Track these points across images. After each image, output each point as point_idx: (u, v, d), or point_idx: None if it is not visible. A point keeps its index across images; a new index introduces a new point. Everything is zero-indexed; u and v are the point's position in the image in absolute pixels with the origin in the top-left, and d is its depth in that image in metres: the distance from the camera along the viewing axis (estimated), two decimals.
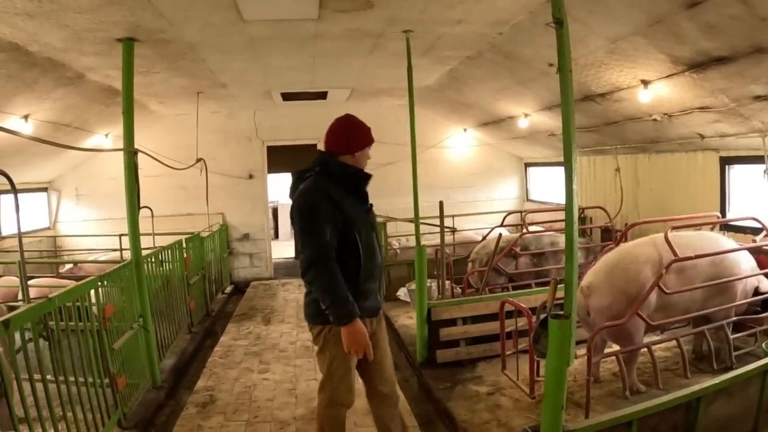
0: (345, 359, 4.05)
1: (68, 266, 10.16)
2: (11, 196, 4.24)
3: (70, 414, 4.34)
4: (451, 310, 6.74)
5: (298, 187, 4.14)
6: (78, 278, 6.72)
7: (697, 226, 6.67)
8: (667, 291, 5.12)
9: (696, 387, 4.04)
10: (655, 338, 5.83)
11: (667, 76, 5.94)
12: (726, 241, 5.86)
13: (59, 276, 9.26)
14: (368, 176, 4.23)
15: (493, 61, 7.63)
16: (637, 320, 5.15)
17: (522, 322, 5.60)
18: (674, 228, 5.54)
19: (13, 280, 7.82)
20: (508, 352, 5.80)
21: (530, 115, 9.52)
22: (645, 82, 6.27)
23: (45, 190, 12.31)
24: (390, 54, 7.55)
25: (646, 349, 5.55)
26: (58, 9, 4.98)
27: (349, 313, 3.80)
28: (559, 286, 4.26)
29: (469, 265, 8.67)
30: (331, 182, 4.03)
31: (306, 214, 3.91)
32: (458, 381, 6.11)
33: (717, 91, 5.76)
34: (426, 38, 6.83)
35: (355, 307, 3.83)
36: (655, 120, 7.17)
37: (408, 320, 8.52)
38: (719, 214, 6.97)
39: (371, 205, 4.26)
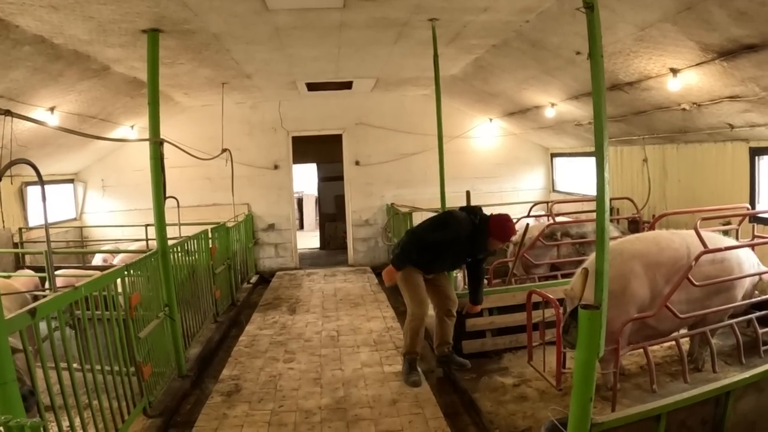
0: (410, 286, 6.22)
1: (99, 257, 10.26)
2: (38, 188, 4.27)
3: (95, 402, 4.37)
4: None
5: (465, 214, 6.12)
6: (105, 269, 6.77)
7: (725, 218, 6.55)
8: (696, 283, 5.00)
9: (725, 381, 3.95)
10: (684, 332, 5.73)
11: (696, 65, 5.82)
12: (726, 241, 5.68)
13: (85, 267, 9.35)
14: (484, 251, 6.24)
15: (520, 50, 7.54)
16: (627, 321, 4.95)
17: (549, 313, 5.53)
18: (704, 219, 5.41)
19: (27, 272, 7.90)
20: (534, 344, 5.74)
21: (557, 104, 9.41)
22: (674, 71, 6.15)
23: (71, 181, 12.46)
24: (415, 43, 7.49)
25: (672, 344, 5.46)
26: (83, 0, 5.00)
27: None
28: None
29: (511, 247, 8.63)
30: (467, 232, 5.96)
31: (435, 227, 6.14)
32: (484, 372, 6.08)
33: (747, 79, 5.63)
34: (452, 26, 6.77)
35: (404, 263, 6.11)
36: (683, 109, 7.03)
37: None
38: (749, 206, 6.82)
39: (476, 259, 6.27)
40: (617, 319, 4.87)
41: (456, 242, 6.01)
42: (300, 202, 20.21)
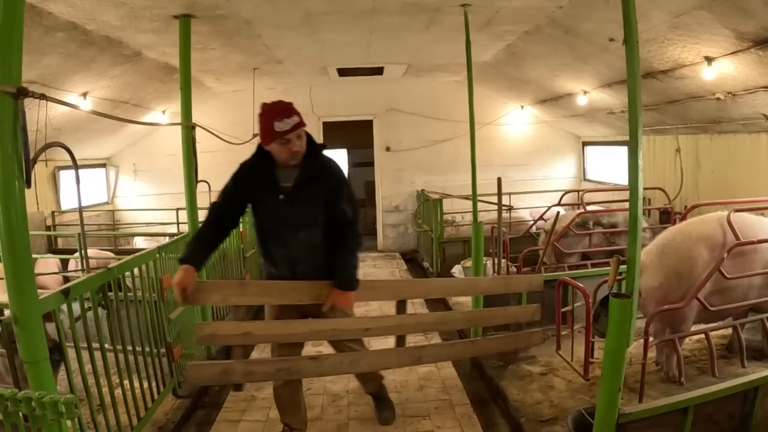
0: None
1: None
2: (71, 172, 4.33)
3: (126, 382, 4.45)
4: None
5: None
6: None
7: (759, 210, 6.41)
8: (727, 276, 4.91)
9: (754, 376, 3.91)
10: (713, 324, 5.63)
11: (731, 53, 5.69)
12: None
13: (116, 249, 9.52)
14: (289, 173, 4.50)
15: (552, 37, 7.45)
16: (689, 306, 4.88)
17: (578, 302, 5.50)
18: (737, 210, 5.30)
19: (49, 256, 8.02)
20: (562, 332, 5.70)
21: (589, 92, 9.29)
22: (708, 59, 6.03)
23: (103, 165, 12.64)
24: (447, 29, 7.44)
25: (701, 336, 5.39)
26: None
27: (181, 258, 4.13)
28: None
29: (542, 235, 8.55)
30: (252, 161, 4.75)
31: None
32: (511, 360, 6.05)
33: None
34: (484, 12, 6.69)
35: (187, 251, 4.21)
36: (718, 99, 6.90)
37: (461, 297, 8.45)
38: None
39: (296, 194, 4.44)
40: (681, 301, 4.85)
41: (250, 182, 4.63)
42: None
